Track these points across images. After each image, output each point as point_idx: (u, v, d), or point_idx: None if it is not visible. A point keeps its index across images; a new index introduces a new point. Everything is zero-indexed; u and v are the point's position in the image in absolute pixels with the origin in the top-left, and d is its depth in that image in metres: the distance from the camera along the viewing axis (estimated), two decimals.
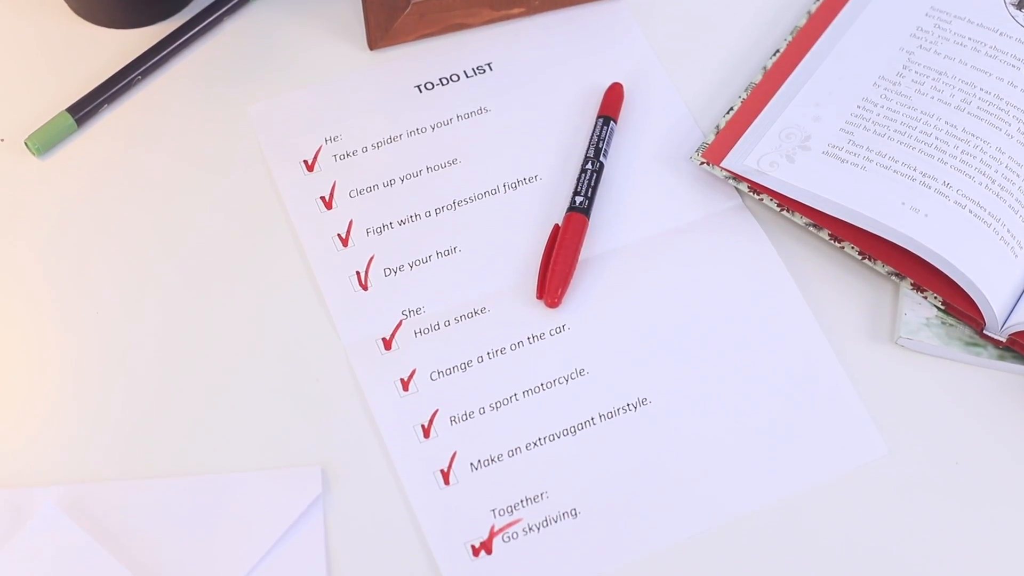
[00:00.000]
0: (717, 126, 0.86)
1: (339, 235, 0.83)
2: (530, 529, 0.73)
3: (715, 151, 0.84)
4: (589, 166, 0.84)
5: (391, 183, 0.85)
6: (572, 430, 0.76)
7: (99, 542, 0.72)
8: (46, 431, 0.77)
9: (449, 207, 0.84)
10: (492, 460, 0.75)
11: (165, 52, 0.89)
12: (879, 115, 0.84)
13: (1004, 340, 0.78)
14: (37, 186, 0.85)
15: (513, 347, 0.79)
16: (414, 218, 0.84)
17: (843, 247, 0.81)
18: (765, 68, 0.88)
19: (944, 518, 0.74)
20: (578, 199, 0.83)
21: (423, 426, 0.76)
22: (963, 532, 0.74)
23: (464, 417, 0.77)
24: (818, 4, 0.91)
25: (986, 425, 0.77)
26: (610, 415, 0.77)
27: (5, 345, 0.79)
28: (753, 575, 0.72)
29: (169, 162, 0.86)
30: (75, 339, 0.79)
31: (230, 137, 0.87)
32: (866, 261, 0.81)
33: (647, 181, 0.85)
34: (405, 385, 0.78)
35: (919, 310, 0.79)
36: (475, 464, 0.75)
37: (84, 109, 0.87)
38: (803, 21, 0.90)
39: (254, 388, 0.78)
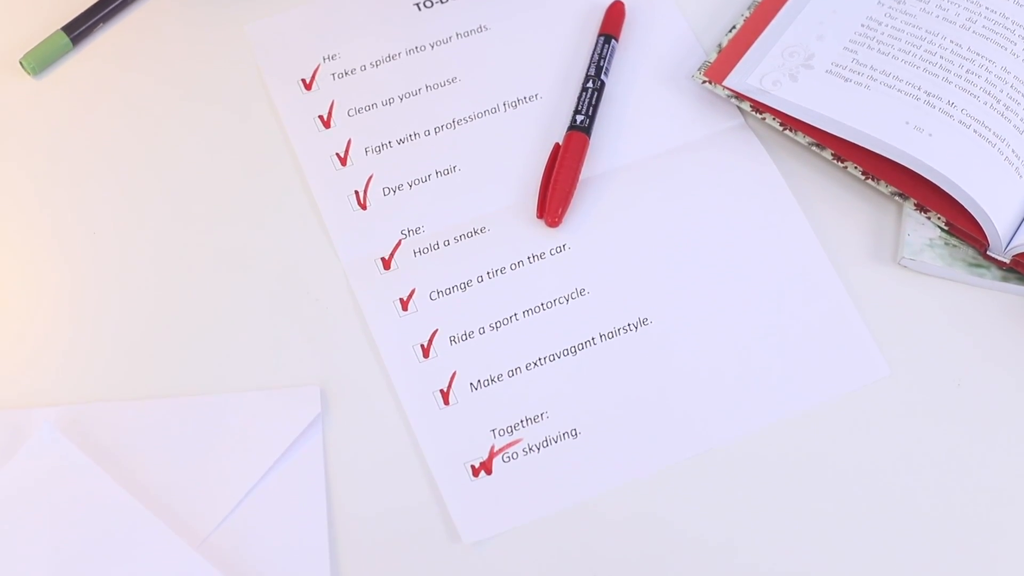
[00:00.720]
0: (719, 44, 0.85)
1: (337, 154, 0.82)
2: (530, 449, 0.72)
3: (717, 70, 0.83)
4: (590, 84, 0.83)
5: (390, 102, 0.84)
6: (572, 350, 0.75)
7: (97, 462, 0.71)
8: (43, 352, 0.75)
9: (448, 126, 0.83)
10: (492, 380, 0.74)
11: None
12: (883, 33, 0.82)
13: (1007, 261, 0.77)
14: (32, 105, 0.84)
15: (513, 267, 0.78)
16: (413, 137, 0.82)
17: (846, 167, 0.80)
18: None
19: (945, 439, 0.73)
20: (579, 118, 0.81)
21: (422, 346, 0.75)
22: (964, 453, 0.73)
23: (464, 337, 0.75)
24: None
25: (988, 347, 0.76)
26: (610, 335, 0.75)
27: (0, 266, 0.78)
28: (755, 495, 0.71)
29: (166, 81, 0.85)
30: (71, 260, 0.78)
31: (227, 55, 0.86)
32: (869, 181, 0.80)
33: (648, 100, 0.84)
34: (404, 305, 0.76)
35: (922, 231, 0.78)
36: (475, 384, 0.74)
37: (80, 28, 0.85)
38: None
39: (252, 308, 0.77)
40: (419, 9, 0.87)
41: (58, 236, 0.79)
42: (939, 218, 0.78)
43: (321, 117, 0.83)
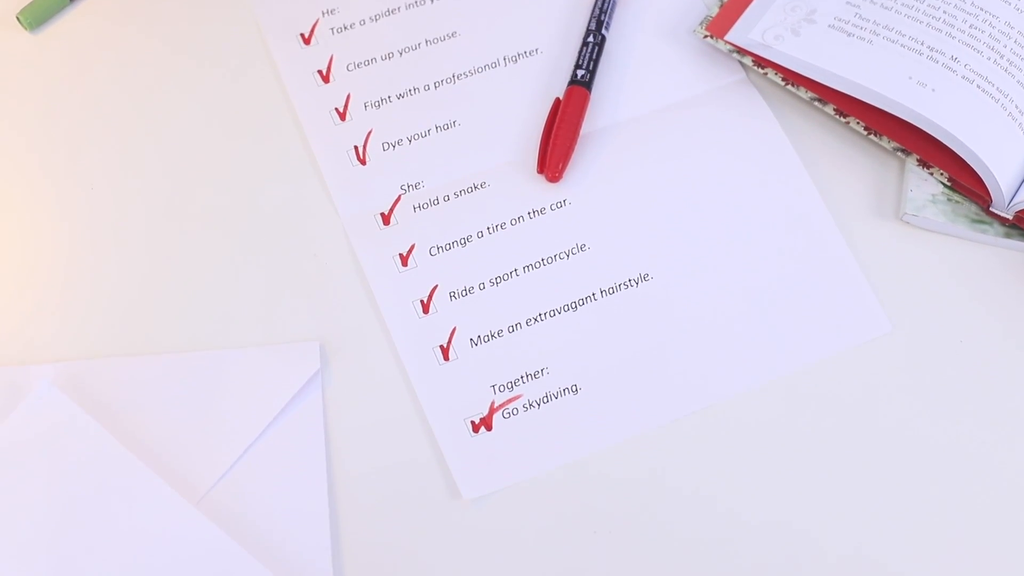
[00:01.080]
0: None
1: (337, 109, 0.81)
2: (530, 405, 0.72)
3: (719, 24, 0.82)
4: (591, 39, 0.82)
5: (389, 56, 0.83)
6: (573, 305, 0.74)
7: (95, 419, 0.70)
8: (41, 309, 0.75)
9: (448, 80, 0.82)
10: (492, 336, 0.73)
11: None
12: None
13: (1010, 217, 0.76)
14: (29, 61, 0.83)
15: (513, 222, 0.77)
16: (413, 92, 0.82)
17: (848, 122, 0.79)
18: None
19: (947, 396, 0.72)
20: (579, 72, 0.80)
21: (422, 301, 0.74)
22: (966, 410, 0.72)
23: (464, 292, 0.75)
24: None
25: (991, 303, 0.75)
26: (611, 291, 0.75)
27: None
28: (755, 452, 0.71)
29: (164, 36, 0.84)
30: (69, 216, 0.77)
31: (225, 10, 0.85)
32: (872, 137, 0.79)
33: (649, 55, 0.83)
34: (404, 260, 0.75)
35: (925, 187, 0.77)
36: (475, 340, 0.73)
37: None
38: None
39: (251, 264, 0.76)
40: None
41: (55, 192, 0.78)
42: (942, 174, 0.77)
43: (320, 72, 0.82)
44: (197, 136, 0.80)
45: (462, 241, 0.76)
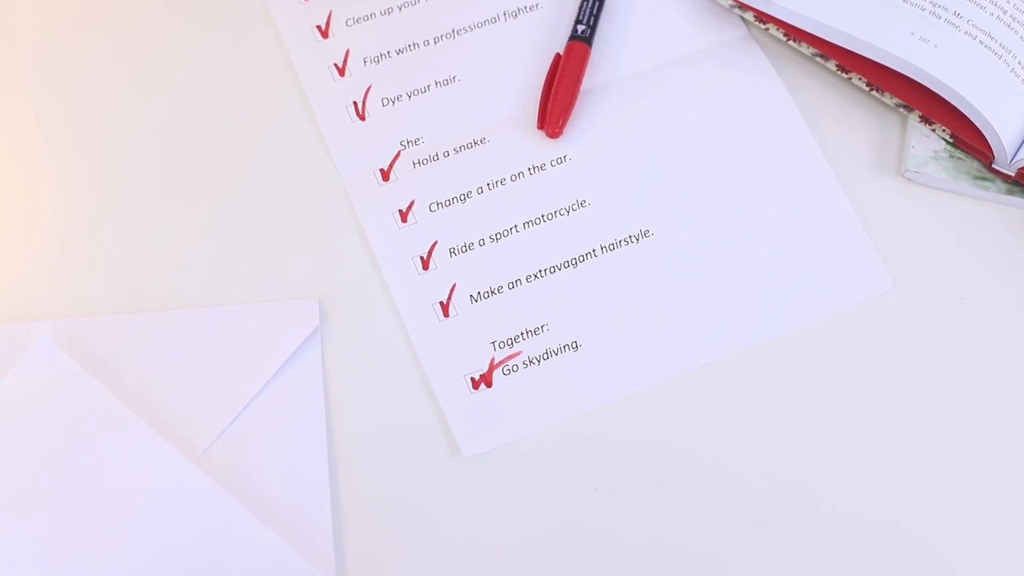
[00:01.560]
0: None
1: (336, 64, 0.80)
2: (530, 362, 0.71)
3: None
4: None
5: (388, 11, 0.82)
6: (573, 262, 0.73)
7: (94, 376, 0.70)
8: (40, 267, 0.74)
9: (448, 36, 0.81)
10: (492, 292, 0.72)
11: None
12: None
13: (1012, 174, 0.75)
14: (26, 20, 0.82)
15: (513, 178, 0.76)
16: (412, 47, 0.81)
17: (850, 78, 0.78)
18: None
19: (949, 353, 0.72)
20: (580, 27, 0.79)
21: (422, 258, 0.73)
22: (967, 367, 0.71)
23: (464, 249, 0.74)
24: None
25: (992, 260, 0.75)
26: (612, 247, 0.74)
27: None
28: (756, 409, 0.70)
29: None
30: (67, 175, 0.77)
31: None
32: (874, 93, 0.78)
33: (650, 10, 0.82)
34: (404, 216, 0.75)
35: (927, 143, 0.77)
36: (475, 296, 0.72)
37: None
38: None
39: (250, 221, 0.75)
40: None
41: (53, 150, 0.77)
42: (944, 130, 0.76)
43: (319, 27, 0.81)
44: (196, 93, 0.79)
45: (462, 197, 0.75)
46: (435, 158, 0.76)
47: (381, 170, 0.76)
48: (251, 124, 0.78)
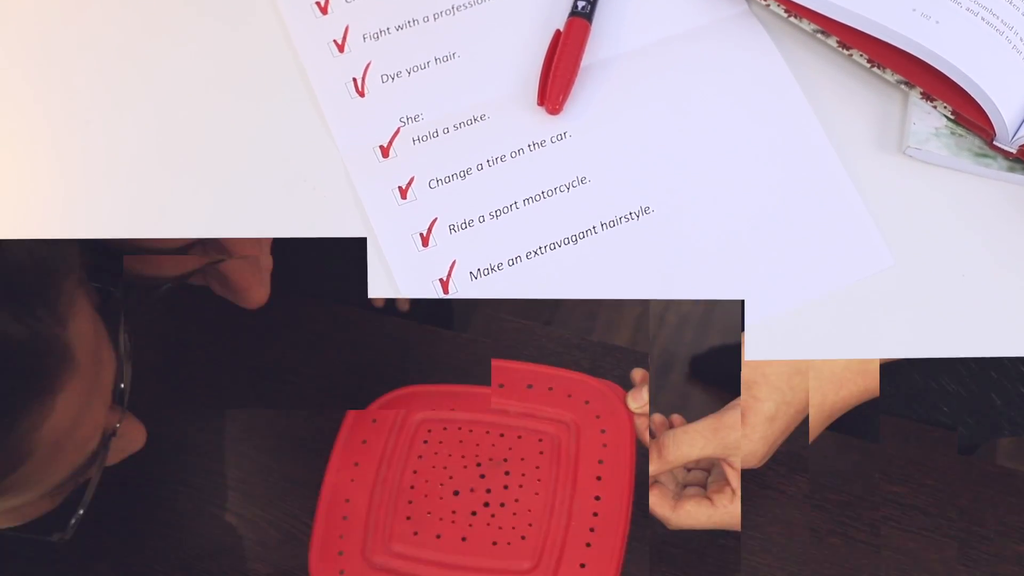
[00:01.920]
0: None
1: (335, 41, 0.80)
2: None
3: None
4: None
5: None
6: (573, 239, 0.73)
7: None
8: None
9: (448, 12, 0.81)
10: (492, 269, 0.72)
11: None
12: None
13: (1014, 151, 0.75)
14: None
15: (513, 154, 0.75)
16: (412, 23, 0.80)
17: (851, 55, 0.78)
18: None
19: (949, 330, 0.71)
20: (580, 4, 0.79)
21: (422, 234, 0.73)
22: (968, 344, 0.71)
23: (463, 225, 0.73)
24: None
25: (993, 237, 0.74)
26: (612, 224, 0.73)
27: None
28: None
29: None
30: (65, 152, 0.76)
31: None
32: (875, 69, 0.78)
33: None
34: (403, 193, 0.74)
35: (928, 120, 0.76)
36: (474, 273, 0.72)
37: None
38: None
39: (250, 197, 0.75)
40: None
41: (50, 124, 0.77)
42: (945, 107, 0.76)
43: (318, 3, 0.81)
44: (195, 69, 0.78)
45: (462, 174, 0.75)
46: (435, 135, 0.76)
47: (381, 147, 0.75)
48: (250, 101, 0.77)
